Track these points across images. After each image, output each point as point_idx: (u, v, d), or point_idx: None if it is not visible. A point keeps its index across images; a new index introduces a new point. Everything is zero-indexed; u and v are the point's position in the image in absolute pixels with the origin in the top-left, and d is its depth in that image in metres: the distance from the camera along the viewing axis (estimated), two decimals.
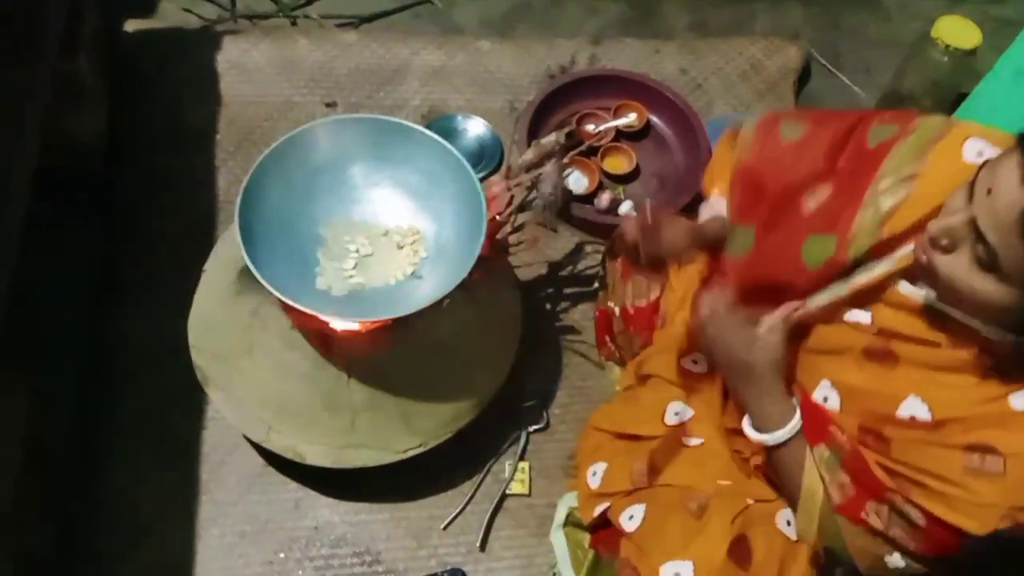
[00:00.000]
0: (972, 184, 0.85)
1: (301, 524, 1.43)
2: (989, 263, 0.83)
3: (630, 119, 1.89)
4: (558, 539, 1.40)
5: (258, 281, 1.12)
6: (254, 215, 1.19)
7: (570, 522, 1.40)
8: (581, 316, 1.68)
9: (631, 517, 1.20)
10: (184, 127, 1.77)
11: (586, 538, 1.34)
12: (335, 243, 1.30)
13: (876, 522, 0.98)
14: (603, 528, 1.28)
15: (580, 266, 1.74)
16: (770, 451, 1.11)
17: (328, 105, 1.86)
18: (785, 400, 1.08)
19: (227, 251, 1.38)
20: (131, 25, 1.84)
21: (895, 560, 0.99)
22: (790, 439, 1.07)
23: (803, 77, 2.11)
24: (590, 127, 1.88)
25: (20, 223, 1.17)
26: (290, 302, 1.12)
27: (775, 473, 1.14)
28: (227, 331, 1.34)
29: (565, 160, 1.41)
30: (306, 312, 1.14)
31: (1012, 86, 1.72)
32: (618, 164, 1.86)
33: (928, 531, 0.94)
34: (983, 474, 0.89)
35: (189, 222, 1.66)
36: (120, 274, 1.59)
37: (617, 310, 1.49)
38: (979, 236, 0.83)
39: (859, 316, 1.03)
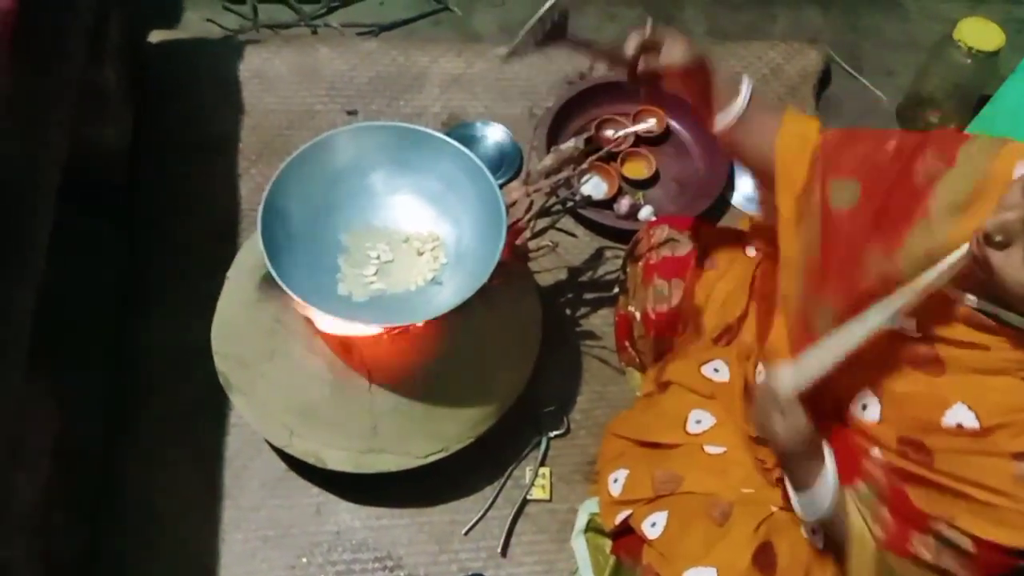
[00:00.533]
0: None
1: (323, 529, 1.44)
2: None
3: (650, 124, 1.89)
4: (579, 545, 1.41)
5: (280, 288, 1.13)
6: (276, 222, 1.20)
7: (591, 528, 1.40)
8: (601, 321, 1.68)
9: (653, 524, 1.20)
10: (207, 136, 1.79)
11: (607, 543, 1.34)
12: (356, 250, 1.31)
13: (924, 554, 0.94)
14: (625, 534, 1.28)
15: (600, 271, 1.74)
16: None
17: (349, 113, 1.88)
18: (816, 460, 1.02)
19: (250, 258, 1.39)
20: (155, 36, 1.87)
21: None
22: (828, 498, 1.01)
23: (823, 80, 2.10)
24: (609, 132, 1.88)
25: (47, 232, 1.19)
26: (312, 308, 1.13)
27: (829, 532, 1.08)
28: (250, 337, 1.36)
29: (584, 165, 1.41)
30: (328, 318, 1.15)
31: None
32: (638, 169, 1.86)
33: (979, 557, 0.90)
34: None
35: (212, 229, 1.67)
36: (146, 282, 1.61)
37: (638, 315, 1.48)
38: None
39: (904, 323, 0.97)
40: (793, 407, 1.01)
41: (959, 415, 0.90)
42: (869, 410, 1.00)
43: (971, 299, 0.90)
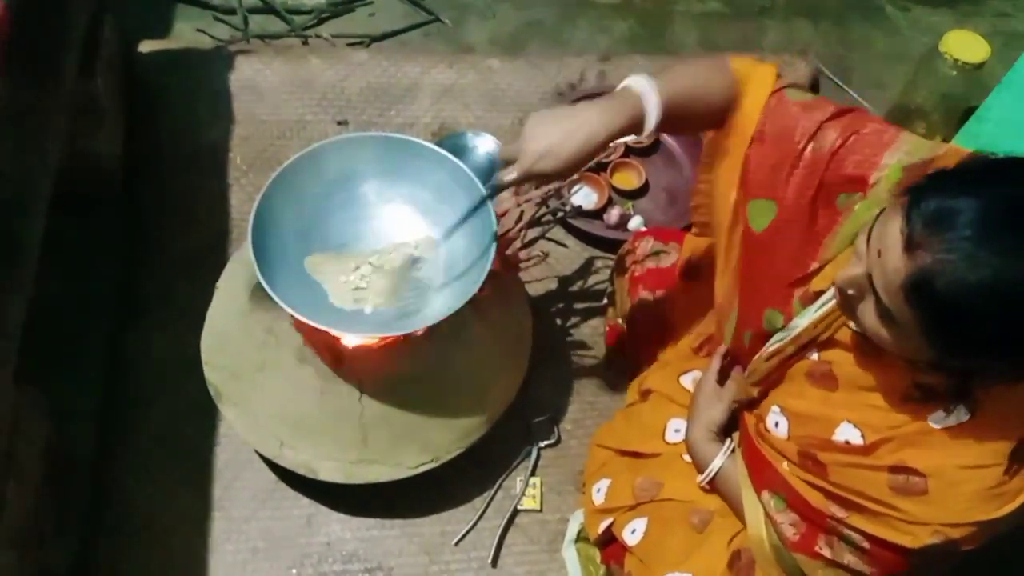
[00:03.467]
0: (869, 234, 0.84)
1: (313, 540, 1.43)
2: (886, 317, 0.83)
3: (639, 135, 1.89)
4: (570, 555, 1.41)
5: (271, 298, 1.13)
6: (267, 232, 1.20)
7: (582, 537, 1.40)
8: (591, 331, 1.68)
9: (633, 531, 1.21)
10: (198, 146, 1.79)
11: (598, 553, 1.34)
12: (347, 260, 1.31)
13: (828, 553, 1.00)
14: (611, 543, 1.28)
15: (590, 281, 1.75)
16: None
17: (340, 123, 1.88)
18: (711, 448, 1.19)
19: (240, 268, 1.39)
20: (146, 46, 1.87)
21: None
22: (713, 478, 1.18)
23: (812, 92, 2.11)
24: None
25: (39, 243, 1.19)
26: (303, 318, 1.13)
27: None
28: (240, 348, 1.36)
29: (574, 176, 1.42)
30: (318, 328, 1.15)
31: (1020, 99, 1.72)
32: (627, 180, 1.87)
33: (873, 552, 0.95)
34: (908, 494, 0.90)
35: (204, 239, 1.67)
36: (137, 292, 1.60)
37: (625, 326, 1.49)
38: (875, 293, 0.83)
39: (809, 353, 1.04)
40: (712, 404, 1.20)
41: (847, 432, 0.96)
42: (780, 427, 1.06)
43: (853, 325, 0.94)
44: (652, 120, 1.04)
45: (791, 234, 1.04)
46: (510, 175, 1.05)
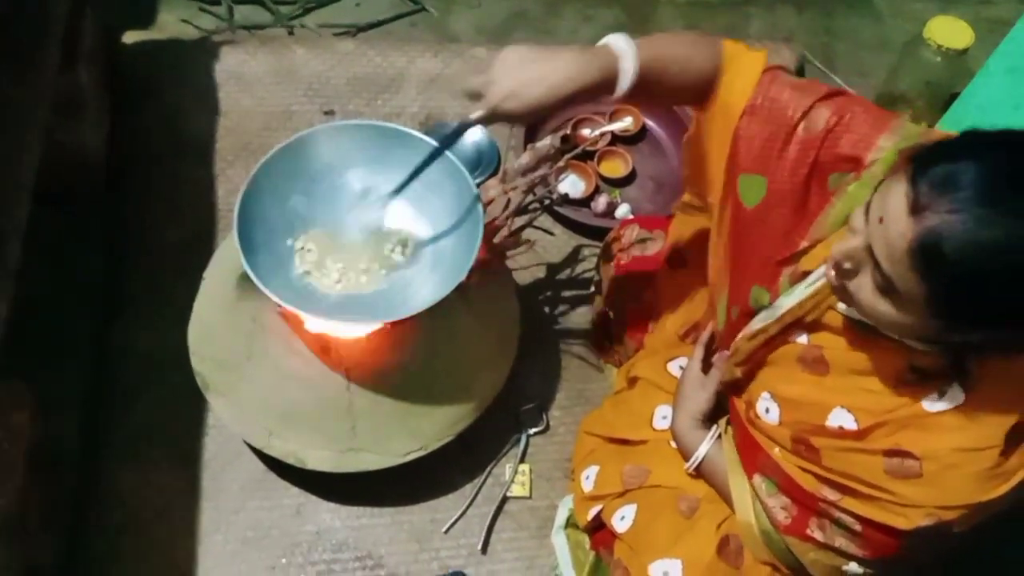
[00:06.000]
0: (868, 206, 0.83)
1: (303, 529, 1.44)
2: (887, 288, 0.81)
3: (626, 123, 1.90)
4: (559, 541, 1.41)
5: (257, 287, 1.12)
6: (253, 222, 1.20)
7: (571, 524, 1.41)
8: (580, 319, 1.69)
9: (623, 517, 1.22)
10: (183, 137, 1.78)
11: (587, 539, 1.35)
12: (333, 249, 1.30)
13: (819, 536, 1.00)
14: (601, 529, 1.29)
15: (578, 269, 1.75)
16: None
17: (326, 113, 1.88)
18: (697, 435, 1.20)
19: (227, 258, 1.39)
20: (130, 37, 1.86)
21: (853, 568, 1.00)
22: (699, 465, 1.19)
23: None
24: (586, 131, 1.89)
25: (22, 236, 1.18)
26: (289, 307, 1.13)
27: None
28: (227, 337, 1.35)
29: (561, 164, 1.42)
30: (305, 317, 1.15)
31: (1003, 84, 1.73)
32: (614, 168, 1.87)
33: (865, 535, 0.96)
34: (903, 477, 0.90)
35: (190, 231, 1.67)
36: (124, 284, 1.60)
37: (612, 313, 1.50)
38: (875, 262, 0.81)
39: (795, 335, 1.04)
40: (697, 392, 1.20)
41: (840, 418, 0.96)
42: (771, 413, 1.06)
43: (842, 307, 0.95)
44: (626, 82, 1.00)
45: (782, 212, 1.04)
46: (476, 113, 1.01)
